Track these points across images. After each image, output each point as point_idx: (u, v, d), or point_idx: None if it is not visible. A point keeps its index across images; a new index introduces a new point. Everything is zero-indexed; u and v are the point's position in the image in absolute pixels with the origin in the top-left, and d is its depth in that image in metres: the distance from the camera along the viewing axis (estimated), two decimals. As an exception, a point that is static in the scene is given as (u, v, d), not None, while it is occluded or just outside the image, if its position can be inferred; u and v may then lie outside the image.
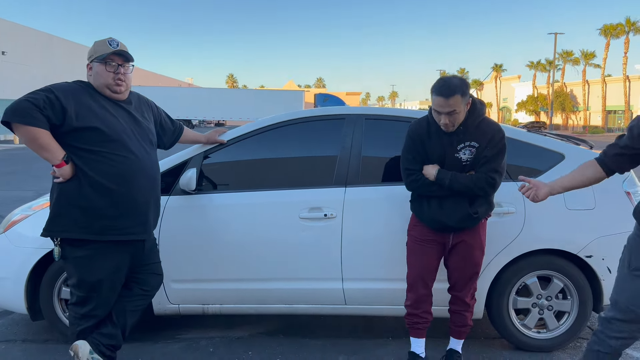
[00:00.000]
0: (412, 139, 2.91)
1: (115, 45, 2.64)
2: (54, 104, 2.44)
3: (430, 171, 2.84)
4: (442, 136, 2.84)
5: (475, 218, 2.86)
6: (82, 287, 2.63)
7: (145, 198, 2.67)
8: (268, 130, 3.51)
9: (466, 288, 3.02)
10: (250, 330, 3.71)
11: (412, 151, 2.91)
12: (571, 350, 3.39)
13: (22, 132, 2.42)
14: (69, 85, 2.60)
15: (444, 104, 2.69)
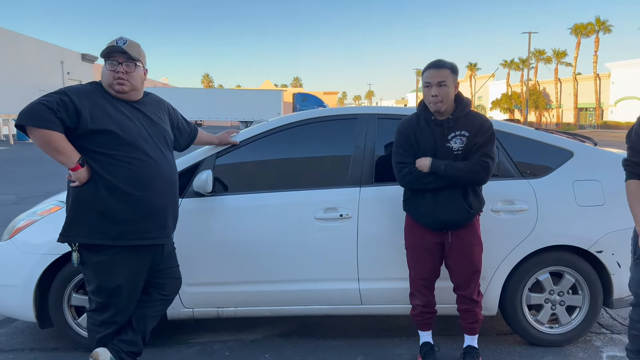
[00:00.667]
0: (402, 133, 2.96)
1: (122, 43, 2.55)
2: (68, 106, 2.37)
3: (424, 162, 2.85)
4: (433, 127, 2.89)
5: (471, 213, 2.89)
6: (101, 293, 2.57)
7: (163, 201, 2.61)
8: (280, 130, 3.48)
9: (472, 285, 3.03)
10: (263, 332, 3.68)
11: (403, 145, 2.94)
12: (582, 345, 3.46)
13: (36, 135, 2.35)
14: (83, 87, 2.53)
15: (434, 74, 2.83)
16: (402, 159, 2.93)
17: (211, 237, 3.28)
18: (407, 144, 2.93)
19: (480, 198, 2.97)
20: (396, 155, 2.96)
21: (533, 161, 3.44)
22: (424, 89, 2.90)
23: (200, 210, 3.28)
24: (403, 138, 2.95)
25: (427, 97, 2.87)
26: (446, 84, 2.82)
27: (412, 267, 3.07)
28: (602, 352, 3.36)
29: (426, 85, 2.88)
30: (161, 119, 2.75)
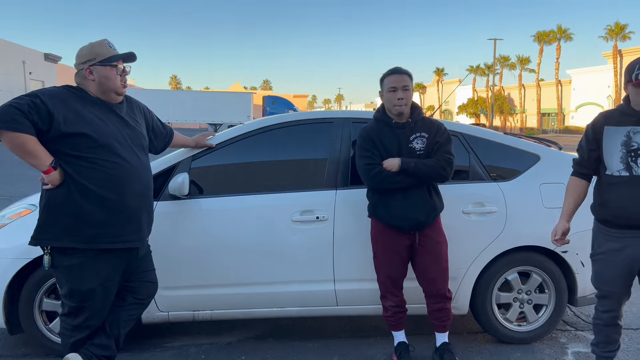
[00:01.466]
0: (366, 138, 3.06)
1: (115, 48, 2.57)
2: (39, 108, 2.34)
3: (393, 162, 2.95)
4: (395, 130, 3.04)
5: (437, 212, 3.05)
6: (74, 296, 2.53)
7: (138, 204, 2.60)
8: (257, 134, 3.50)
9: (444, 283, 3.13)
10: (238, 335, 3.69)
11: (369, 148, 3.03)
12: (548, 341, 3.59)
13: (7, 138, 2.31)
14: (57, 89, 2.49)
15: (399, 79, 3.01)
16: (370, 160, 3.01)
17: (187, 240, 3.28)
18: (373, 146, 3.02)
19: (441, 198, 3.13)
20: (363, 158, 3.03)
21: (502, 165, 3.56)
22: (388, 94, 3.01)
23: (176, 213, 3.27)
24: (368, 141, 3.04)
25: (392, 101, 3.00)
26: (408, 88, 3.02)
27: (382, 270, 3.14)
28: (567, 348, 3.50)
29: (391, 90, 3.00)
30: (137, 122, 2.74)
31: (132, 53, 2.62)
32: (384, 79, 3.07)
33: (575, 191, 2.83)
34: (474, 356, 3.37)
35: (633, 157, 2.56)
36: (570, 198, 2.84)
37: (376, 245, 3.14)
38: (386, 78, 3.05)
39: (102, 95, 2.57)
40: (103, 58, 2.54)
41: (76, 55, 2.56)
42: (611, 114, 2.71)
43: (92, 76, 2.55)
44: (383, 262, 3.12)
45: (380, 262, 3.14)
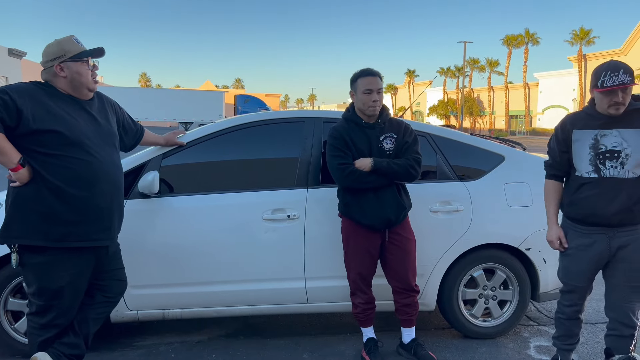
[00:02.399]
0: (338, 138, 3.08)
1: (82, 44, 2.55)
2: (8, 105, 2.31)
3: (365, 162, 3.01)
4: (365, 130, 3.10)
5: (406, 210, 3.14)
6: (42, 295, 2.51)
7: (107, 202, 2.58)
8: (228, 132, 3.51)
9: (412, 278, 3.22)
10: (209, 333, 3.69)
11: (340, 148, 3.06)
12: (512, 336, 3.71)
13: None
14: (25, 85, 2.46)
15: (375, 81, 3.06)
16: (342, 160, 3.04)
17: (157, 238, 3.27)
18: (345, 146, 3.06)
19: (409, 197, 3.23)
20: (335, 157, 3.06)
21: (468, 164, 3.66)
22: (363, 95, 3.05)
23: (146, 212, 3.26)
24: (340, 141, 3.07)
25: (367, 102, 3.04)
26: (381, 90, 3.09)
27: (353, 267, 3.19)
28: (530, 342, 3.62)
29: (367, 92, 3.04)
30: (107, 119, 2.72)
31: (101, 48, 2.61)
32: (357, 80, 3.09)
33: (554, 194, 2.91)
34: (441, 351, 3.45)
35: (601, 159, 2.67)
36: (553, 202, 2.91)
37: (347, 243, 3.19)
38: (360, 79, 3.08)
39: (73, 91, 2.55)
40: (73, 54, 2.51)
41: (43, 52, 2.53)
42: (578, 116, 2.80)
43: (63, 73, 2.52)
44: (354, 260, 3.17)
45: (350, 260, 3.19)
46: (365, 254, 3.14)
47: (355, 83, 3.10)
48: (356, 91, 3.10)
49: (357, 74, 3.12)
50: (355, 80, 3.11)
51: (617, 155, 2.63)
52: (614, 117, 2.64)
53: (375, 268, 3.22)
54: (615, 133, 2.64)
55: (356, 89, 3.10)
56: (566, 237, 2.88)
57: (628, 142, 2.62)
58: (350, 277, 3.23)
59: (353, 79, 3.14)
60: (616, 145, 2.63)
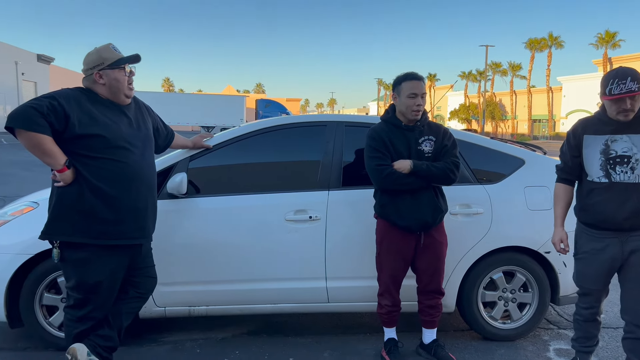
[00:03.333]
0: (377, 139, 3.10)
1: (119, 51, 2.70)
2: (57, 110, 2.46)
3: (404, 164, 3.04)
4: (405, 132, 3.13)
5: (444, 213, 3.17)
6: (80, 289, 2.65)
7: (143, 204, 2.72)
8: (252, 136, 3.62)
9: (441, 280, 3.28)
10: (232, 331, 3.80)
11: (380, 150, 3.08)
12: (532, 339, 3.73)
13: (25, 138, 2.42)
14: (72, 92, 2.61)
15: (420, 86, 3.09)
16: (381, 161, 3.06)
17: (184, 237, 3.39)
18: (384, 147, 3.08)
19: (446, 200, 3.25)
20: (374, 159, 3.08)
21: (488, 168, 3.70)
22: (408, 99, 3.07)
23: (174, 212, 3.38)
24: (379, 142, 3.09)
25: (411, 106, 3.06)
26: (425, 95, 3.11)
27: (385, 269, 3.21)
28: (549, 345, 3.64)
29: (412, 96, 3.06)
30: (144, 122, 2.86)
31: (137, 55, 2.74)
32: (402, 83, 3.11)
33: (563, 198, 2.97)
34: (460, 352, 3.50)
35: (612, 165, 2.71)
36: (560, 205, 2.97)
37: (381, 244, 3.21)
38: (405, 83, 3.10)
39: (112, 97, 2.69)
40: (111, 62, 2.66)
41: (84, 61, 2.68)
42: (589, 121, 2.85)
43: (102, 80, 2.67)
44: (387, 262, 3.19)
45: (383, 261, 3.21)
46: (398, 256, 3.17)
47: (400, 86, 3.12)
48: (399, 94, 3.12)
49: (401, 77, 3.13)
50: (399, 83, 3.13)
51: (627, 160, 2.67)
52: (624, 123, 2.67)
53: (407, 270, 3.26)
54: (625, 138, 2.68)
55: (400, 92, 3.11)
56: (580, 241, 2.93)
57: (638, 147, 2.66)
58: (381, 278, 3.25)
59: (397, 82, 3.15)
60: (626, 151, 2.67)
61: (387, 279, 3.22)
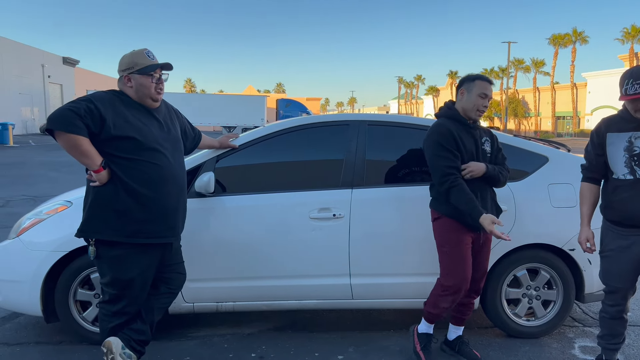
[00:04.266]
0: (447, 136, 2.97)
1: (153, 57, 2.79)
2: (93, 113, 2.56)
3: (480, 167, 3.00)
4: (470, 131, 3.08)
5: (501, 211, 3.26)
6: (115, 285, 2.75)
7: (174, 204, 2.82)
8: (277, 135, 3.70)
9: (484, 279, 3.32)
10: (259, 326, 3.88)
11: (450, 149, 2.95)
12: (556, 336, 3.73)
13: (63, 139, 2.53)
14: (106, 95, 2.72)
15: (490, 88, 3.07)
16: (452, 163, 2.95)
17: (211, 235, 3.48)
18: (455, 146, 2.98)
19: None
20: (443, 158, 2.96)
21: (512, 166, 3.69)
22: (478, 99, 3.04)
23: (201, 210, 3.48)
24: (450, 140, 2.97)
25: (479, 106, 3.04)
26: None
27: (459, 272, 3.03)
28: (574, 342, 3.63)
29: (482, 96, 3.04)
30: (174, 125, 2.96)
31: (168, 63, 2.83)
32: (475, 81, 3.06)
33: (589, 197, 2.96)
34: (484, 349, 3.51)
35: (636, 161, 2.71)
36: (586, 204, 2.96)
37: (449, 244, 3.06)
38: (479, 81, 3.06)
39: (139, 100, 2.79)
40: (140, 67, 2.75)
41: (119, 62, 2.79)
42: (612, 119, 2.86)
43: (130, 83, 2.77)
44: (460, 264, 3.04)
45: (456, 264, 3.04)
46: (467, 253, 3.07)
47: (473, 83, 3.07)
48: (470, 91, 3.06)
49: (475, 76, 3.10)
50: (473, 80, 3.08)
51: None
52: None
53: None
54: None
55: (471, 89, 3.06)
56: (605, 238, 2.92)
57: None
58: (450, 281, 3.05)
59: (470, 79, 3.10)
60: None
61: (461, 282, 3.04)
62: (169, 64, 2.86)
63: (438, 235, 3.13)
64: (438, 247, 3.14)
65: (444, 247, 3.10)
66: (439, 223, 3.12)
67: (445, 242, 3.09)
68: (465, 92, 3.09)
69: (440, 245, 3.12)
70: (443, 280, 3.10)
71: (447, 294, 3.08)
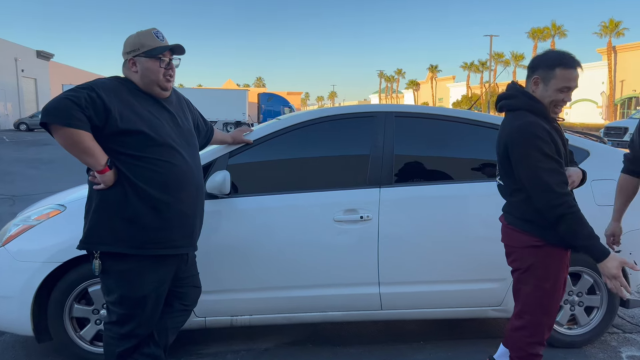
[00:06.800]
0: (547, 140, 2.22)
1: (162, 38, 2.39)
2: (96, 103, 2.15)
3: (578, 174, 2.41)
4: (558, 130, 2.37)
5: None
6: (124, 303, 2.35)
7: (192, 208, 2.42)
8: (295, 129, 3.32)
9: None
10: (275, 341, 3.51)
11: (556, 159, 2.22)
12: (600, 345, 3.44)
13: (62, 134, 2.12)
14: (110, 81, 2.30)
15: (576, 76, 2.28)
16: (563, 177, 2.22)
17: (224, 241, 3.10)
18: (558, 154, 2.25)
19: None
20: (552, 173, 2.18)
21: (551, 161, 3.40)
22: (557, 92, 2.29)
23: (213, 213, 3.09)
24: (552, 146, 2.22)
25: (558, 102, 2.31)
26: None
27: (555, 305, 2.42)
28: (620, 352, 3.36)
29: (565, 90, 2.28)
30: (186, 118, 2.56)
31: (179, 45, 2.43)
32: (556, 69, 2.25)
33: (625, 189, 2.73)
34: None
35: None
36: (621, 197, 2.74)
37: (555, 279, 2.37)
38: (561, 69, 2.25)
39: (145, 88, 2.38)
40: (148, 49, 2.34)
41: (123, 43, 2.38)
42: None
43: (135, 68, 2.36)
44: (559, 297, 2.42)
45: (556, 298, 2.41)
46: (564, 283, 2.46)
47: (553, 72, 2.26)
48: (547, 81, 2.29)
49: (555, 59, 2.27)
50: (552, 68, 2.26)
51: None
52: None
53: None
54: None
55: (549, 79, 2.28)
56: None
57: None
58: (548, 321, 2.43)
59: (548, 64, 2.28)
60: None
61: (553, 320, 2.46)
62: (180, 47, 2.45)
63: (538, 268, 2.35)
64: (534, 281, 2.37)
65: (545, 284, 2.35)
66: (541, 253, 2.33)
67: (551, 276, 2.35)
68: (541, 82, 2.30)
69: (540, 281, 2.35)
70: (533, 321, 2.41)
71: (542, 341, 2.46)
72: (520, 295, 2.47)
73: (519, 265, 2.45)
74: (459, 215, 3.22)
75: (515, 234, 2.43)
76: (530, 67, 2.39)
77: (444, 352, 3.30)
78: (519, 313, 2.49)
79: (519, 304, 2.49)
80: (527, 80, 2.41)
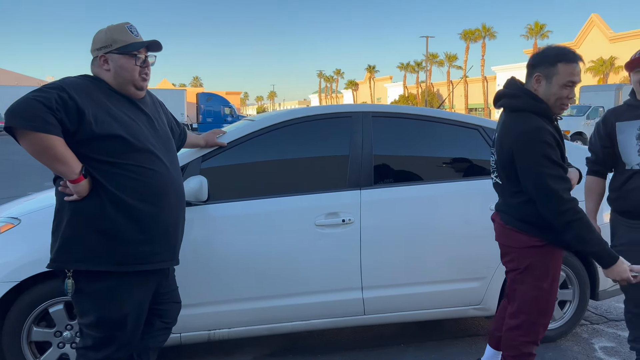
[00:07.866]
0: (552, 144, 2.19)
1: (137, 33, 2.18)
2: (67, 104, 1.92)
3: (576, 175, 2.44)
4: (559, 130, 2.34)
5: None
6: (102, 326, 2.12)
7: (174, 217, 2.23)
8: (271, 130, 3.17)
9: None
10: (254, 352, 3.35)
11: (561, 164, 2.21)
12: (573, 338, 3.53)
13: (30, 140, 1.88)
14: (81, 80, 2.07)
15: (579, 71, 2.26)
16: (568, 183, 2.23)
17: (200, 251, 2.91)
18: (562, 157, 2.28)
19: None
20: (559, 180, 2.17)
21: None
22: (561, 88, 2.25)
23: (187, 222, 2.88)
24: (556, 151, 2.21)
25: (563, 98, 2.26)
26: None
27: (552, 305, 2.45)
28: (592, 343, 3.45)
29: (569, 85, 2.25)
30: (162, 120, 2.35)
31: (156, 41, 2.23)
32: (558, 64, 2.22)
33: (595, 191, 2.81)
34: (506, 358, 3.22)
35: None
36: (592, 198, 2.81)
37: (552, 278, 2.39)
38: (563, 65, 2.22)
39: (118, 88, 2.16)
40: (121, 45, 2.13)
41: (92, 39, 2.15)
42: (619, 109, 2.70)
43: (106, 65, 2.14)
44: (554, 296, 2.45)
45: (552, 298, 2.43)
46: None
47: (555, 68, 2.23)
48: (550, 78, 2.25)
49: (557, 54, 2.24)
50: (554, 64, 2.24)
51: None
52: None
53: None
54: None
55: (552, 75, 2.24)
56: (617, 233, 2.72)
57: None
58: (544, 321, 2.46)
59: (550, 60, 2.25)
60: None
61: (548, 320, 2.48)
62: (157, 43, 2.26)
63: (536, 268, 2.34)
64: (532, 281, 2.37)
65: (543, 283, 2.35)
66: (540, 253, 2.33)
67: (548, 276, 2.35)
68: (543, 79, 2.27)
69: (538, 280, 2.35)
70: (529, 321, 2.42)
71: (536, 341, 2.47)
72: (517, 295, 2.46)
73: (516, 265, 2.43)
74: (441, 215, 3.19)
75: (513, 234, 2.40)
76: (530, 64, 2.38)
77: (427, 355, 3.27)
78: (514, 312, 2.48)
79: (515, 304, 2.48)
80: (527, 79, 2.40)
